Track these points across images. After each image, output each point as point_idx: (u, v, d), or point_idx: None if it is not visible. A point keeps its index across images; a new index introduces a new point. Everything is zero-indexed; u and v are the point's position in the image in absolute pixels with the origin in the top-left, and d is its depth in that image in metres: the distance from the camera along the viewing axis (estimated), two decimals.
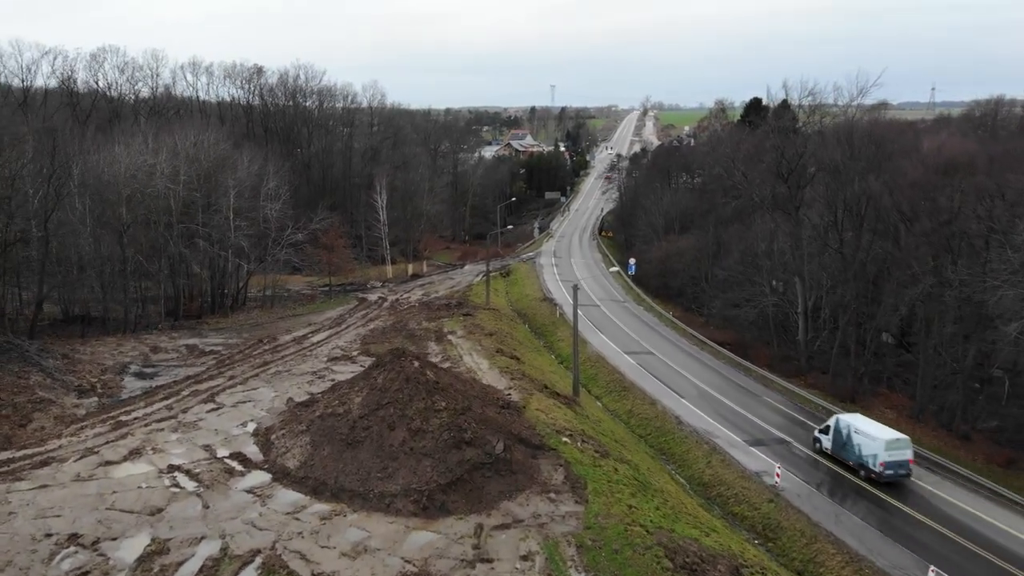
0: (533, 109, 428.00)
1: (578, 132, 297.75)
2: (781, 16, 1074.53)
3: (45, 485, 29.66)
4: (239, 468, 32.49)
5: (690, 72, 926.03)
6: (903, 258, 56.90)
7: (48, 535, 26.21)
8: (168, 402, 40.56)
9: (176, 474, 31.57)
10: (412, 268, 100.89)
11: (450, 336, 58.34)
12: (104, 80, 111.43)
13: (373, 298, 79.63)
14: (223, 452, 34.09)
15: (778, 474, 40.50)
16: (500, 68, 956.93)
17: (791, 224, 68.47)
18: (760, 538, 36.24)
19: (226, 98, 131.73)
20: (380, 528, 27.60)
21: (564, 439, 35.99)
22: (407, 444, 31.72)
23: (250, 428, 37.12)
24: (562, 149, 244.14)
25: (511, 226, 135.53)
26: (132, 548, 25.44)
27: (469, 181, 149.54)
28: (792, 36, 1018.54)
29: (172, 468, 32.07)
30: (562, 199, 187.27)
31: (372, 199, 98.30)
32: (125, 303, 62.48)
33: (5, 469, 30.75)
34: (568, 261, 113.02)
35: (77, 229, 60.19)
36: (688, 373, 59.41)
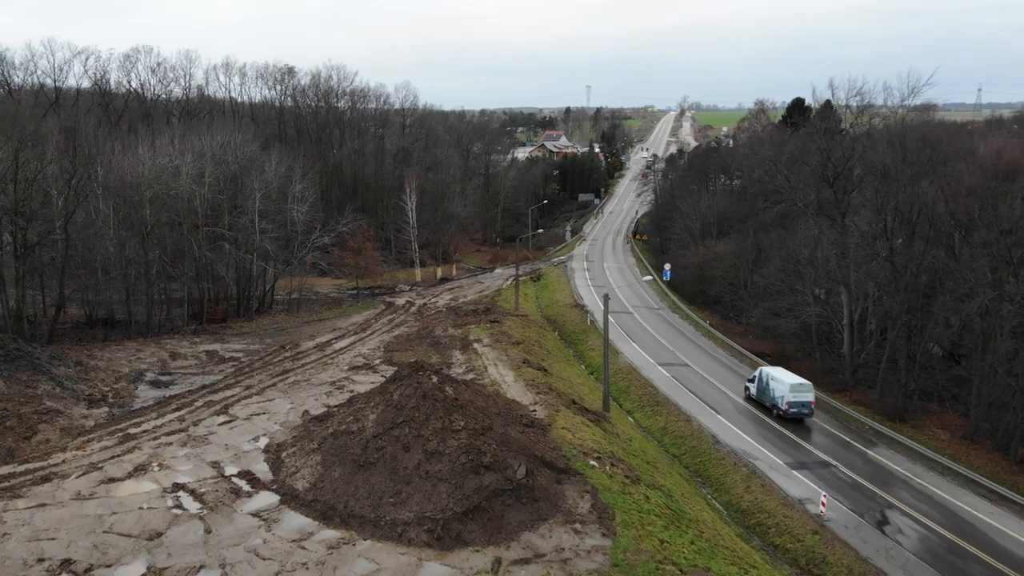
0: (568, 110, 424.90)
1: (613, 133, 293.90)
2: (822, 17, 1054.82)
3: (43, 504, 28.22)
4: (246, 488, 30.78)
5: (728, 72, 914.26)
6: (959, 269, 53.36)
7: (40, 559, 24.70)
8: (180, 413, 39.12)
9: (180, 494, 29.94)
10: (441, 271, 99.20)
11: (476, 345, 56.29)
12: (137, 80, 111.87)
13: (400, 302, 78.02)
14: (231, 470, 32.43)
15: (823, 502, 37.63)
16: (536, 69, 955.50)
17: (836, 231, 65.07)
18: (804, 574, 33.46)
19: (258, 99, 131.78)
20: (391, 560, 25.59)
21: (592, 462, 33.64)
22: (422, 467, 29.67)
23: (262, 443, 35.45)
24: (597, 150, 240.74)
25: (541, 229, 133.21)
26: None
27: (501, 183, 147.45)
28: (832, 36, 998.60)
29: (176, 487, 30.46)
30: (596, 201, 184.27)
31: (401, 201, 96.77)
32: (148, 306, 61.61)
33: (5, 485, 29.41)
34: (601, 265, 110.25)
35: (101, 231, 59.50)
36: (725, 387, 56.50)
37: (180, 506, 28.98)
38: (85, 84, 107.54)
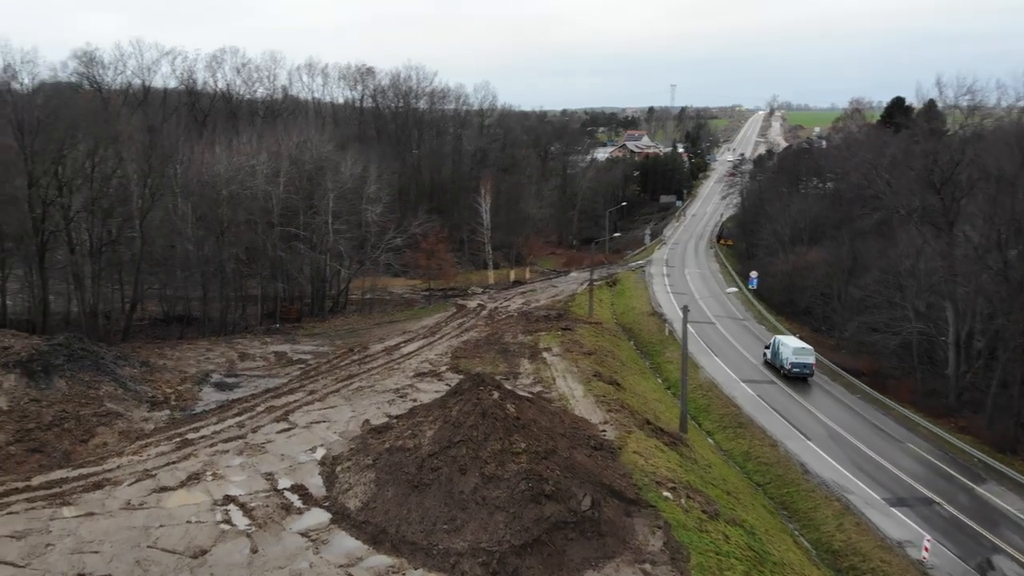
0: (651, 109, 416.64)
1: (698, 133, 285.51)
2: (918, 14, 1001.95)
3: (91, 513, 27.52)
4: (298, 504, 29.39)
5: (820, 71, 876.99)
6: None
7: (80, 575, 23.84)
8: (241, 418, 38.33)
9: (230, 507, 28.79)
10: (514, 274, 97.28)
11: (545, 354, 53.95)
12: (223, 80, 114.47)
13: (472, 305, 76.48)
14: (285, 483, 31.16)
15: (927, 547, 33.59)
16: (619, 69, 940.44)
17: (943, 241, 59.70)
18: None
19: (340, 100, 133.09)
20: None
21: (665, 493, 30.77)
22: (479, 492, 27.53)
23: (318, 455, 34.13)
24: (680, 150, 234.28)
25: (618, 233, 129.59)
26: None
27: (579, 184, 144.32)
28: (932, 34, 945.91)
29: (227, 499, 29.35)
30: (678, 203, 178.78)
31: (476, 202, 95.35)
32: (222, 305, 61.99)
33: (56, 490, 28.94)
34: (681, 271, 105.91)
35: (178, 228, 60.14)
36: (816, 408, 52.25)
37: (229, 521, 27.80)
38: (172, 84, 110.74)
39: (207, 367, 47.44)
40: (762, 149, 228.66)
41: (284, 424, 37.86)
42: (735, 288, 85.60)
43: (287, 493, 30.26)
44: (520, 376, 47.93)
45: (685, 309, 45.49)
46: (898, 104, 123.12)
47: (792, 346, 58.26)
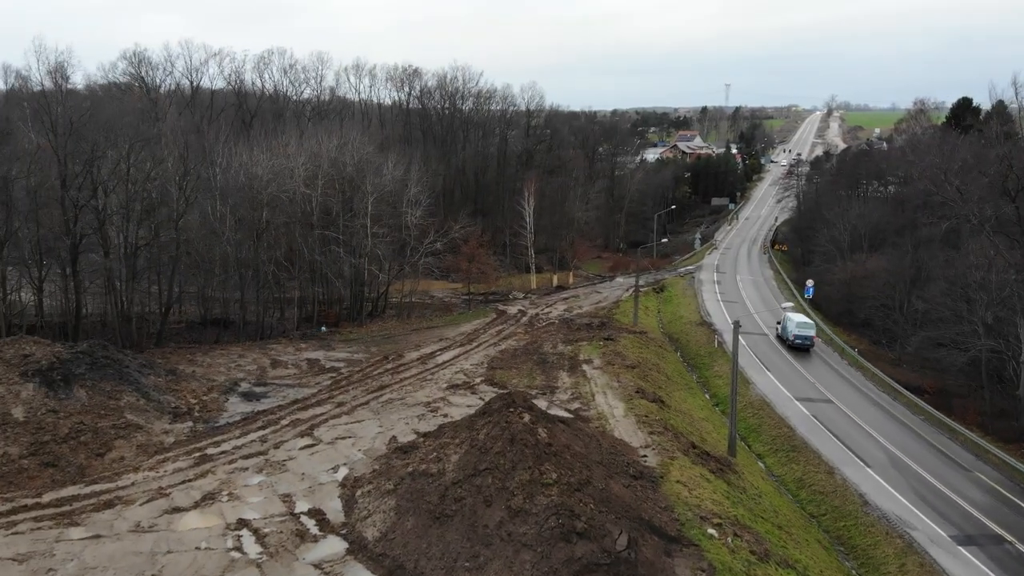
0: (704, 109, 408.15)
1: (752, 133, 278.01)
2: (984, 12, 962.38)
3: (98, 535, 26.27)
4: (313, 531, 27.71)
5: (880, 71, 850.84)
6: None
7: None
8: (264, 432, 36.95)
9: (243, 532, 27.28)
10: (557, 279, 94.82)
11: (585, 366, 51.52)
12: (270, 81, 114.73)
13: (512, 311, 74.38)
14: (302, 506, 29.54)
15: None
16: (672, 68, 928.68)
17: (1017, 252, 55.33)
18: None
19: (387, 101, 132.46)
20: None
21: (710, 530, 28.18)
22: (504, 527, 25.41)
23: (340, 475, 32.48)
24: (733, 151, 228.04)
25: (667, 237, 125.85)
26: None
27: (627, 186, 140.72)
28: (995, 33, 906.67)
29: (241, 523, 27.85)
30: (730, 206, 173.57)
31: (519, 205, 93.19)
32: (259, 308, 61.18)
33: (66, 508, 27.82)
34: (733, 277, 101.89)
35: (217, 230, 59.48)
36: (876, 431, 48.58)
37: (240, 548, 26.26)
38: (219, 84, 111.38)
39: (236, 375, 46.37)
40: (819, 151, 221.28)
41: (308, 439, 36.34)
42: (790, 304, 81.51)
43: (303, 518, 28.62)
44: (557, 391, 45.65)
45: (736, 324, 42.58)
46: (965, 104, 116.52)
47: (796, 320, 66.87)
